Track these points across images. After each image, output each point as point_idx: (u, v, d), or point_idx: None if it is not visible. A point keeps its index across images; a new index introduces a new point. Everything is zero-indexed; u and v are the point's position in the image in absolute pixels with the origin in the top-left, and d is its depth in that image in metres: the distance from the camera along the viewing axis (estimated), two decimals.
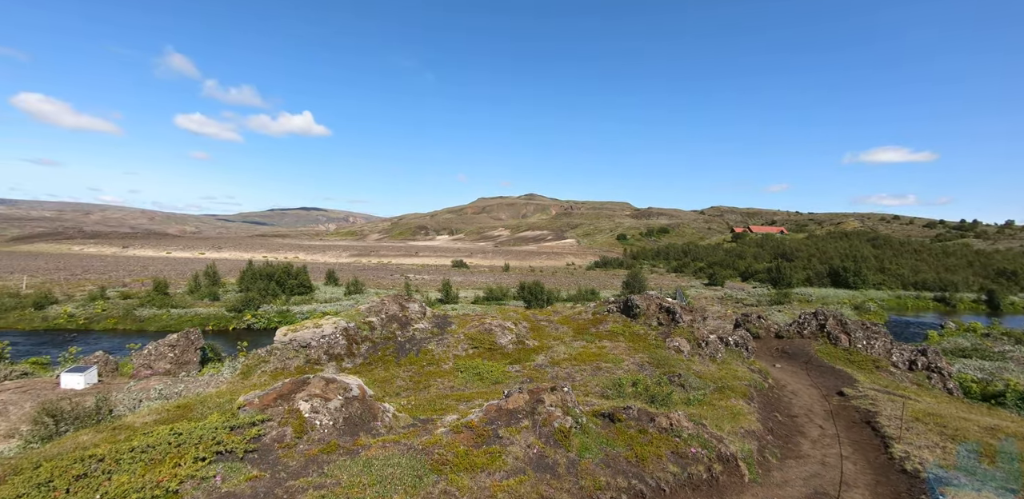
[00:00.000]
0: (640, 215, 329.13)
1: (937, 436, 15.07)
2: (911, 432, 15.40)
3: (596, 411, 11.00)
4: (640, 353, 21.45)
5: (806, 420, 17.15)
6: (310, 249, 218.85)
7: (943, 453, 13.15)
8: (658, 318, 24.98)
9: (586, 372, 18.80)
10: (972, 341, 54.82)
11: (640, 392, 15.74)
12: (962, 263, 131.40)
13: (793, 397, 20.34)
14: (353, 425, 10.06)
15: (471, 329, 22.79)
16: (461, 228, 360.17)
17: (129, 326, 57.13)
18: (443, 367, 19.31)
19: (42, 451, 11.67)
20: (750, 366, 23.41)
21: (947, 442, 14.22)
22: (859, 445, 14.59)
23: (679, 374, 17.42)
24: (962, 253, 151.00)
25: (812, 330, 30.37)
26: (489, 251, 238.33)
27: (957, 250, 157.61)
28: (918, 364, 28.26)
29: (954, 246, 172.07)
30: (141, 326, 57.51)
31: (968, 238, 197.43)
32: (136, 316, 59.03)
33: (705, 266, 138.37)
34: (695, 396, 15.59)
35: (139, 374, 29.39)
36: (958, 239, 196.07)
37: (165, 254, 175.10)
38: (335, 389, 10.86)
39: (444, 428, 9.21)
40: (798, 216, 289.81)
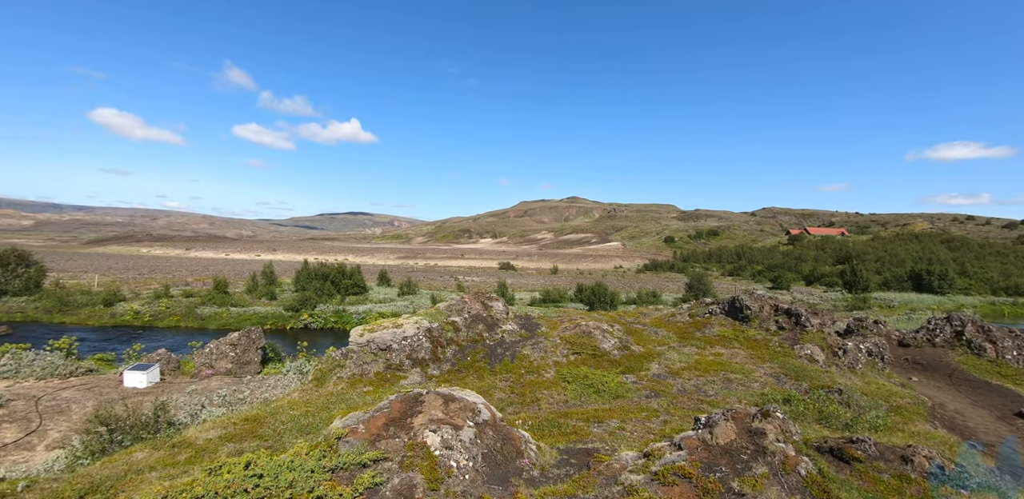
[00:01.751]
0: (687, 217, 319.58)
1: None
2: None
3: (807, 444, 8.25)
4: (767, 362, 18.40)
5: (1009, 450, 13.77)
6: (359, 251, 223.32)
7: None
8: (776, 321, 21.79)
9: (716, 384, 15.96)
10: None
11: (803, 412, 12.84)
12: None
13: (965, 419, 16.83)
14: (495, 465, 7.71)
15: (566, 332, 20.33)
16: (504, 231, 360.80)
17: (191, 324, 57.96)
18: (544, 376, 16.90)
19: (87, 473, 9.97)
20: (890, 379, 19.96)
21: None
22: None
23: (839, 389, 14.34)
24: None
25: (946, 338, 26.23)
26: (534, 254, 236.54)
27: None
28: None
29: None
30: (202, 324, 58.26)
31: None
32: (197, 314, 59.92)
33: (764, 269, 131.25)
34: (876, 418, 12.56)
35: (200, 373, 28.53)
36: None
37: (224, 256, 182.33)
38: (459, 411, 8.55)
39: (635, 474, 6.70)
40: (858, 217, 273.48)
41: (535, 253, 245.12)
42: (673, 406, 13.46)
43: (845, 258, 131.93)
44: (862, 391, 15.64)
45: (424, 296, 74.07)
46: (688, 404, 13.69)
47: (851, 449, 7.87)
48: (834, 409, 12.58)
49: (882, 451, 7.88)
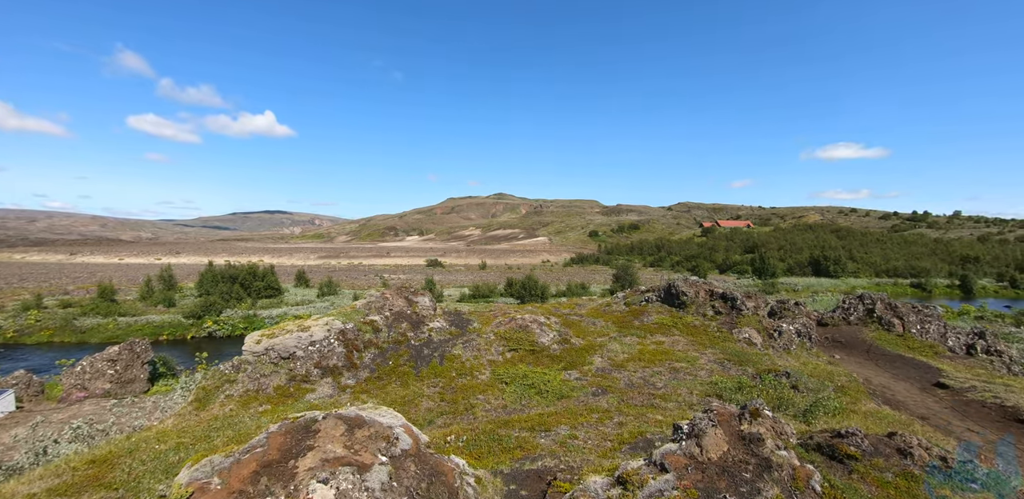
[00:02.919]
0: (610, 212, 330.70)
1: None
2: None
3: None
4: (709, 348, 17.77)
5: (943, 422, 13.85)
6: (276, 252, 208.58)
7: None
8: (712, 306, 21.43)
9: (663, 375, 14.90)
10: (970, 324, 54.19)
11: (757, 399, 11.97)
12: (925, 251, 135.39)
13: (893, 393, 17.11)
14: None
15: (500, 327, 18.55)
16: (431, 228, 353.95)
17: (67, 338, 49.90)
18: (479, 378, 15.02)
19: None
20: (819, 358, 20.22)
21: None
22: None
23: (786, 373, 13.75)
24: (922, 242, 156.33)
25: (859, 316, 27.54)
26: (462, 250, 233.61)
27: (916, 239, 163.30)
28: (977, 348, 25.77)
29: (911, 236, 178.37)
30: (82, 338, 50.36)
31: (921, 228, 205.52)
32: (76, 327, 51.73)
33: (681, 259, 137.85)
34: (828, 400, 11.96)
35: (70, 397, 23.73)
36: (912, 229, 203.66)
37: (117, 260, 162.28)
38: (369, 440, 6.39)
39: None
40: (761, 210, 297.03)
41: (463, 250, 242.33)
42: (624, 404, 12.12)
43: (752, 247, 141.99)
44: (803, 372, 15.28)
45: (346, 296, 69.48)
46: (639, 400, 12.44)
47: (843, 445, 6.73)
48: (788, 394, 11.82)
49: (874, 444, 6.83)
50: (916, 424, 11.23)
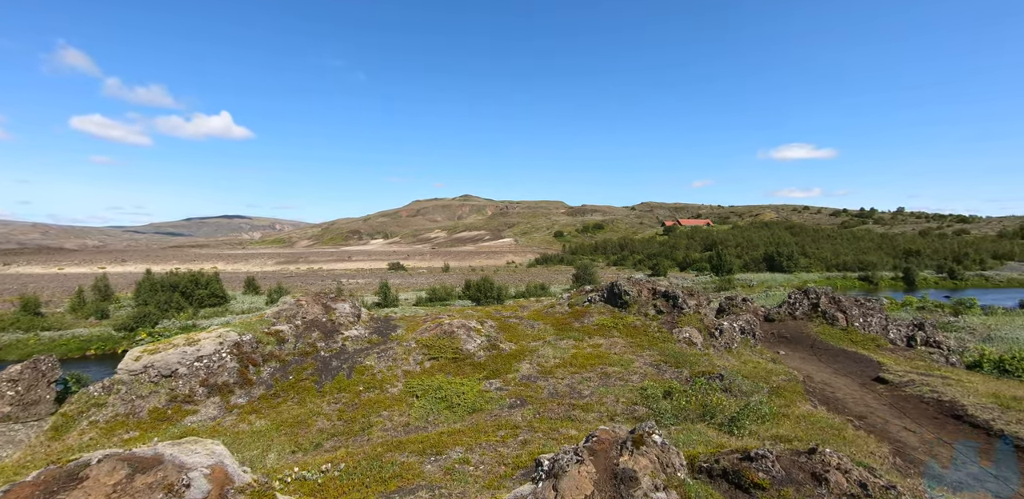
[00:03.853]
0: (575, 212, 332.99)
1: None
2: (1021, 424, 11.79)
3: (695, 467, 5.84)
4: (647, 350, 16.74)
5: (881, 421, 13.17)
6: (231, 258, 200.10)
7: None
8: (655, 305, 20.51)
9: (592, 382, 13.71)
10: (912, 314, 55.89)
11: (684, 407, 10.89)
12: (872, 246, 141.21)
13: (833, 390, 16.50)
14: None
15: (425, 333, 17.02)
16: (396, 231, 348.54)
17: None
18: (389, 391, 13.46)
19: None
20: (762, 355, 19.58)
21: None
22: (987, 454, 10.64)
23: (719, 375, 12.77)
24: (869, 237, 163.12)
25: (805, 310, 27.30)
26: (427, 253, 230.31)
27: (864, 235, 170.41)
28: (917, 339, 25.87)
29: (860, 231, 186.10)
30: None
31: (868, 224, 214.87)
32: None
33: (644, 258, 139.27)
34: (760, 405, 10.99)
35: None
36: (860, 225, 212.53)
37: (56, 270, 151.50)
38: (147, 490, 4.84)
39: None
40: (720, 209, 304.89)
41: (428, 252, 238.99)
42: (539, 417, 10.82)
43: (711, 245, 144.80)
44: (741, 373, 14.39)
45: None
46: (558, 412, 11.19)
47: (750, 471, 5.57)
48: (717, 400, 10.79)
49: (787, 468, 5.71)
50: (849, 429, 10.38)
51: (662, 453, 5.11)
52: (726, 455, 6.10)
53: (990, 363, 29.97)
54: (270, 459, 10.35)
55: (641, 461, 4.83)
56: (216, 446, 6.27)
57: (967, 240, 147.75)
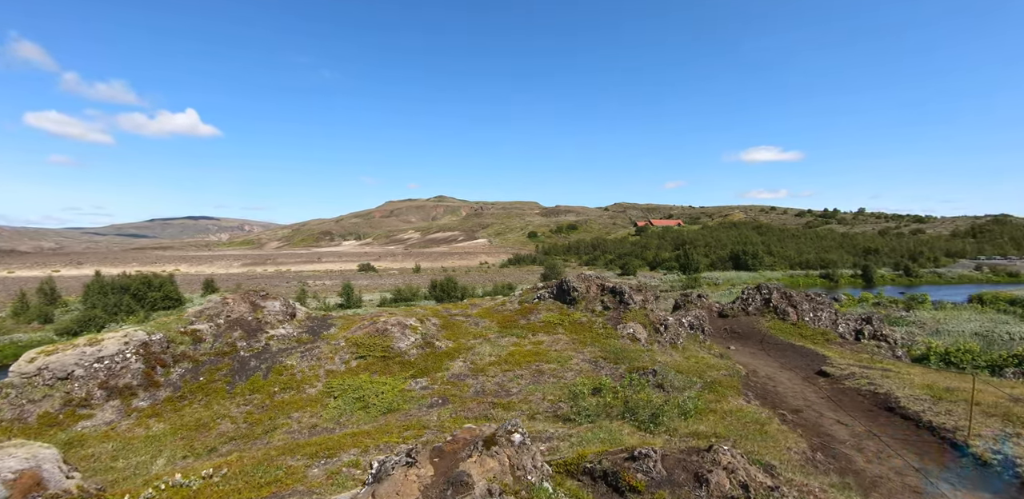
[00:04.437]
0: (549, 213, 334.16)
1: (982, 416, 11.47)
2: (951, 415, 11.69)
3: (572, 467, 5.27)
4: (588, 346, 16.27)
5: (816, 415, 12.96)
6: (195, 260, 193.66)
7: None
8: (602, 301, 20.10)
9: (524, 379, 13.12)
10: (867, 309, 57.36)
11: (610, 404, 10.39)
12: (834, 245, 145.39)
13: (776, 384, 16.34)
14: None
15: (357, 332, 16.17)
16: (369, 232, 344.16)
17: None
18: (307, 392, 12.60)
19: None
20: (710, 350, 19.36)
21: (1014, 427, 10.53)
22: (914, 446, 10.44)
23: (653, 370, 12.34)
24: (831, 236, 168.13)
25: (757, 306, 27.39)
26: (399, 254, 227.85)
27: (827, 234, 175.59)
28: (865, 333, 26.20)
29: (823, 231, 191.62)
30: None
31: (831, 224, 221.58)
32: None
33: (615, 258, 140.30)
34: (687, 400, 10.57)
35: None
36: (824, 225, 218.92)
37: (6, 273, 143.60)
38: None
39: None
40: (692, 210, 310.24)
41: (400, 253, 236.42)
42: (455, 417, 10.17)
43: (681, 245, 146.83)
44: (680, 368, 14.02)
45: None
46: (477, 410, 10.55)
47: (628, 473, 5.02)
48: (643, 397, 10.31)
49: (670, 468, 5.18)
50: (774, 423, 10.04)
51: (516, 454, 4.51)
52: (611, 455, 5.55)
53: (936, 355, 30.72)
54: (157, 465, 9.45)
55: (488, 463, 4.22)
56: (45, 450, 5.47)
57: (922, 239, 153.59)
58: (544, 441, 7.91)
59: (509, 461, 4.38)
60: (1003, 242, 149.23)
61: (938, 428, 11.05)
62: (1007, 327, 41.91)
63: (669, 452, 5.55)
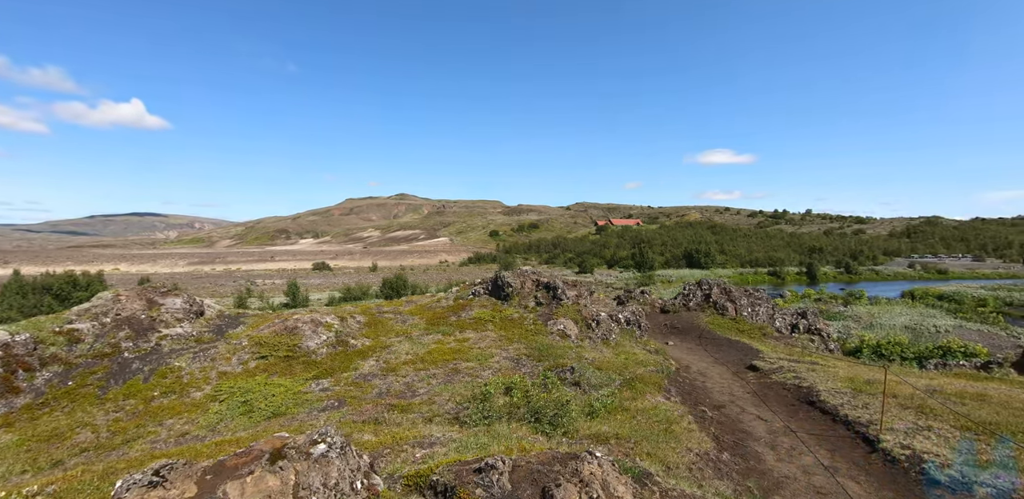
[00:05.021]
0: (511, 212, 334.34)
1: (898, 409, 11.42)
2: (867, 409, 11.58)
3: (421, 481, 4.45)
4: (515, 343, 15.55)
5: (738, 410, 12.66)
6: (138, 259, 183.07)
7: (941, 439, 9.17)
8: (536, 297, 19.46)
9: (436, 379, 12.25)
10: (809, 305, 59.47)
11: (518, 404, 9.67)
12: (782, 244, 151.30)
13: (705, 380, 16.10)
14: None
15: (264, 330, 14.88)
16: (327, 230, 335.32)
17: None
18: (192, 396, 11.32)
19: None
20: (646, 346, 19.05)
21: (927, 419, 10.45)
22: (828, 441, 10.19)
23: (571, 367, 11.72)
24: (780, 236, 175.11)
25: (698, 301, 27.47)
26: (357, 252, 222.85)
27: (776, 234, 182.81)
28: (800, 327, 26.67)
29: (773, 231, 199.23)
30: None
31: (781, 224, 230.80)
32: None
33: (574, 256, 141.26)
34: (601, 398, 9.98)
35: None
36: (774, 225, 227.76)
37: None
38: None
39: None
40: (650, 210, 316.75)
41: (358, 252, 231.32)
42: (344, 421, 9.20)
43: (638, 244, 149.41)
44: (605, 364, 13.48)
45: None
46: (370, 413, 9.60)
47: (466, 488, 4.25)
48: (551, 396, 9.63)
49: (518, 482, 4.44)
50: (685, 422, 9.57)
51: (309, 470, 3.66)
52: (462, 466, 4.77)
53: (869, 348, 31.80)
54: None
55: (267, 482, 3.36)
56: None
57: (863, 239, 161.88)
58: (426, 447, 7.08)
59: (295, 479, 3.53)
60: (934, 242, 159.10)
61: (853, 422, 10.86)
62: (934, 320, 44.19)
63: (525, 462, 4.82)
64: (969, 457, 8.10)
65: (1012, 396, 12.24)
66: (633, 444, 7.51)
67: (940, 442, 9.06)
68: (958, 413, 10.70)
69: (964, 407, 11.21)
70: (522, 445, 6.76)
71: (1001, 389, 13.28)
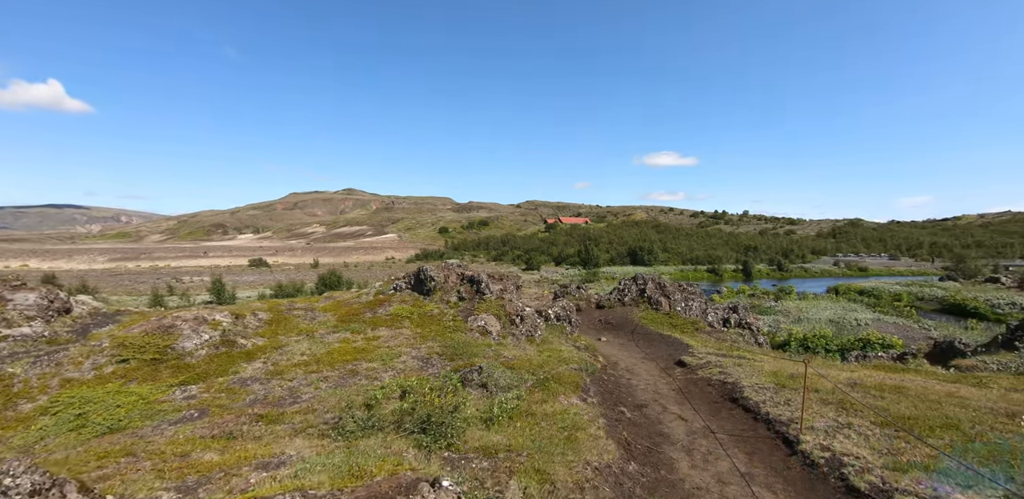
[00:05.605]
0: (462, 209, 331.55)
1: (819, 405, 11.04)
2: (789, 406, 11.15)
3: None
4: (430, 341, 14.26)
5: (660, 409, 11.97)
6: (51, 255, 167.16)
7: (861, 438, 8.70)
8: (459, 292, 18.22)
9: (328, 382, 10.78)
10: (744, 301, 61.58)
11: (408, 411, 8.41)
12: (720, 243, 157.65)
13: (632, 377, 15.45)
14: None
15: (135, 329, 12.84)
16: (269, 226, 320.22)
17: None
18: (19, 408, 9.31)
19: None
20: (575, 343, 18.26)
21: (847, 416, 10.05)
22: (748, 443, 9.57)
23: (479, 367, 10.58)
24: (719, 235, 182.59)
25: (633, 296, 27.14)
26: (299, 249, 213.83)
27: (716, 233, 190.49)
28: (731, 321, 26.86)
29: (713, 230, 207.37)
30: None
31: (720, 224, 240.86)
32: None
33: (522, 253, 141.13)
34: (504, 402, 8.89)
35: None
36: (714, 225, 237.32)
37: None
38: None
39: None
40: (599, 209, 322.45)
41: (301, 248, 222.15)
42: (191, 437, 7.62)
43: (587, 241, 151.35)
44: (520, 363, 12.43)
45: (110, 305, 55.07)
46: (228, 426, 8.05)
47: None
48: (450, 401, 8.45)
49: None
50: (593, 426, 8.63)
51: None
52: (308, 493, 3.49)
53: (796, 341, 32.71)
54: None
55: None
56: None
57: (794, 239, 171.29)
58: (268, 470, 5.72)
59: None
60: (856, 242, 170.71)
61: (774, 420, 10.32)
62: (855, 314, 46.51)
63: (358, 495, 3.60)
64: (888, 459, 7.58)
65: (927, 388, 12.19)
66: (525, 457, 6.44)
67: (860, 441, 8.57)
68: (877, 408, 10.41)
69: (883, 401, 10.95)
70: (382, 466, 5.52)
71: (917, 381, 13.30)
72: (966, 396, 11.54)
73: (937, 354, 22.12)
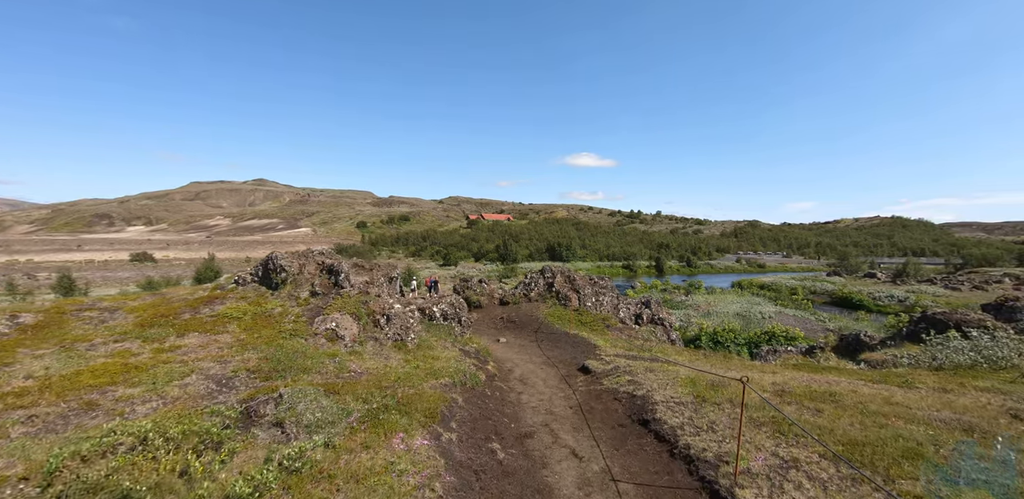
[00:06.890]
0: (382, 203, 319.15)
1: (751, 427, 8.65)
2: (714, 432, 8.65)
3: None
4: (252, 350, 10.41)
5: (549, 441, 9.08)
6: None
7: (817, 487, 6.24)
8: (313, 286, 14.35)
9: (34, 424, 6.70)
10: (656, 295, 62.01)
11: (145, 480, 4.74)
12: (635, 240, 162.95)
13: (524, 390, 12.54)
14: None
15: None
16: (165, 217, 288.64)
17: None
18: None
19: None
20: (464, 347, 15.11)
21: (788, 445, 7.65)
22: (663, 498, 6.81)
23: (279, 395, 7.01)
24: (635, 233, 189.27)
25: (540, 291, 24.50)
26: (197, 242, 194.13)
27: (631, 231, 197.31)
28: (644, 317, 25.08)
29: (629, 229, 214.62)
30: None
31: (636, 223, 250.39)
32: None
33: (441, 249, 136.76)
34: (294, 455, 5.47)
35: None
36: (630, 224, 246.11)
37: None
38: None
39: None
40: (522, 206, 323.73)
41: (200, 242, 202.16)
42: None
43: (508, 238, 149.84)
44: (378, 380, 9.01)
45: None
46: None
47: None
48: (209, 457, 4.91)
49: None
50: (426, 493, 5.55)
51: None
52: None
53: (707, 336, 31.79)
54: None
55: None
56: None
57: (701, 238, 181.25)
58: None
59: None
60: (755, 241, 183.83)
61: (697, 459, 7.66)
62: (759, 308, 47.61)
63: None
64: None
65: (859, 393, 10.29)
66: None
67: (817, 494, 6.06)
68: (820, 429, 8.15)
69: (822, 416, 8.76)
70: None
71: (843, 383, 11.48)
72: (903, 403, 9.75)
73: (844, 347, 21.44)
